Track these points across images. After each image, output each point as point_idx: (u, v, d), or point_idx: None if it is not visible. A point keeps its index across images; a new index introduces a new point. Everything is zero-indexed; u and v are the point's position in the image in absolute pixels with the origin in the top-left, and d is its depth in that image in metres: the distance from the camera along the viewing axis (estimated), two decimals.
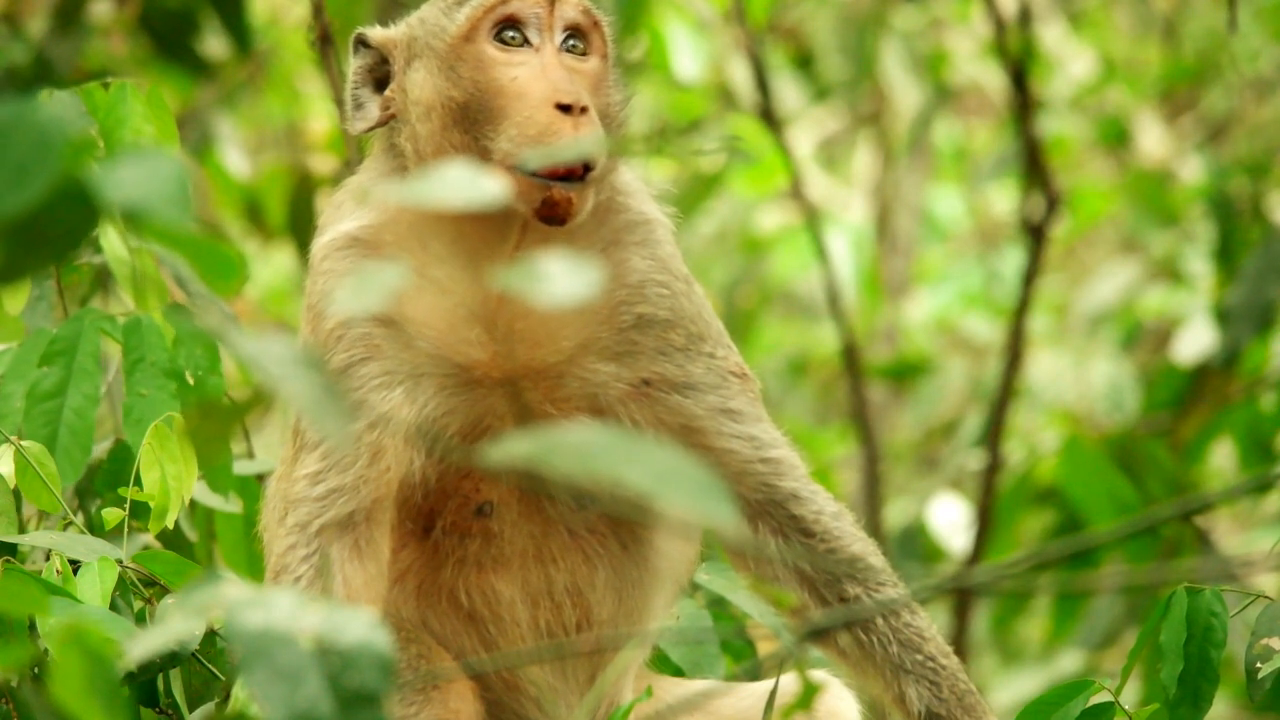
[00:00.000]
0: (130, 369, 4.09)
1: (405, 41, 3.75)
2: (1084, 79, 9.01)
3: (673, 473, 2.48)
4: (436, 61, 3.69)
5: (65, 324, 4.11)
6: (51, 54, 6.82)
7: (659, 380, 3.72)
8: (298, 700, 2.50)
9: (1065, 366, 8.48)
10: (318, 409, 2.47)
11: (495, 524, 3.74)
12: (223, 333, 2.56)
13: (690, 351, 3.74)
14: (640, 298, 3.74)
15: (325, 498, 3.65)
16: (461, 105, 3.64)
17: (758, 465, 3.75)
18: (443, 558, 3.75)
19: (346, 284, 2.63)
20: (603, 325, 3.72)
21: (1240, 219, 7.71)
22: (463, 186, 2.66)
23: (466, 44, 3.68)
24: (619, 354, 3.72)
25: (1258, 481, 4.59)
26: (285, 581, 3.63)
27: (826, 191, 9.77)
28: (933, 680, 3.71)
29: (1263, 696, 3.68)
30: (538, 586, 3.75)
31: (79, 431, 4.06)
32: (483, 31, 3.68)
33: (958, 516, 7.80)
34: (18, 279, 2.46)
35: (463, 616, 3.76)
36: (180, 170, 2.45)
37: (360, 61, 3.77)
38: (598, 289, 2.55)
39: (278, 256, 9.11)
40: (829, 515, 3.77)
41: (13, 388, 4.08)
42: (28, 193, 2.41)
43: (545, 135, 3.59)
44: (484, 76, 3.66)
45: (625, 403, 3.72)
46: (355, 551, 3.65)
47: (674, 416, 3.73)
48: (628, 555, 3.80)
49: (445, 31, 3.70)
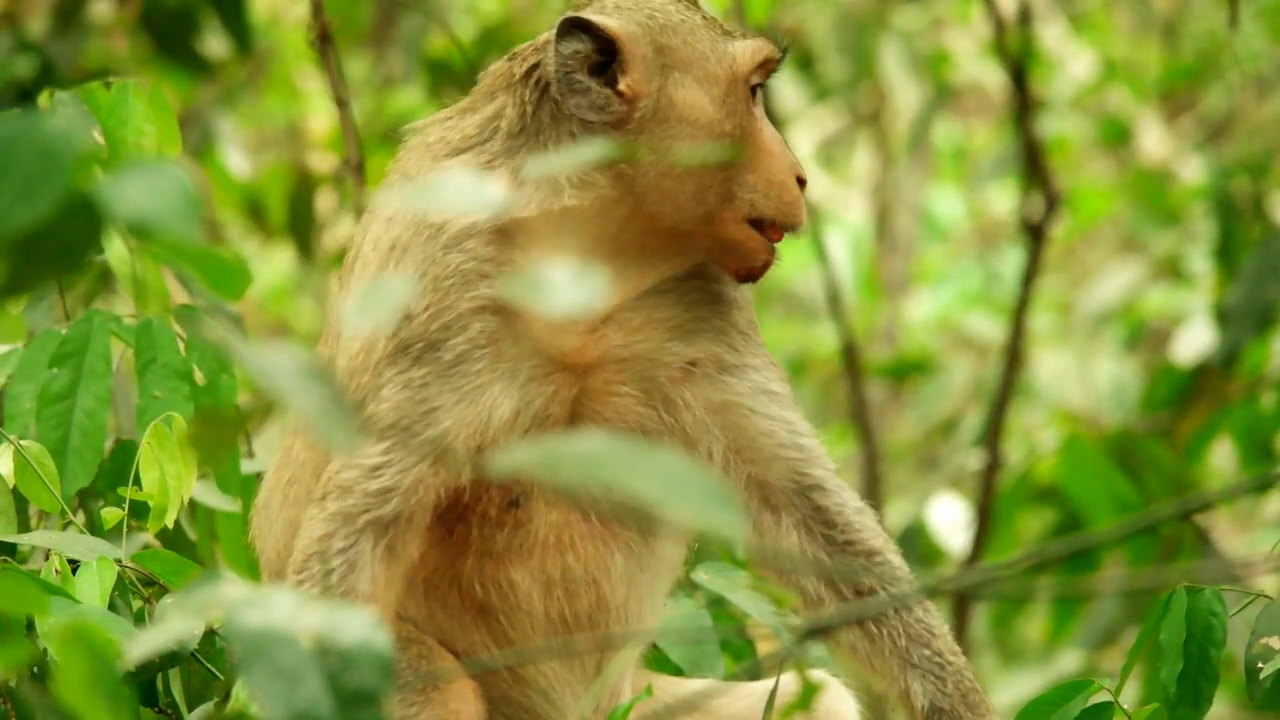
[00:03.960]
0: (142, 370, 4.08)
1: (648, 42, 3.69)
2: (1084, 79, 9.01)
3: (682, 482, 2.48)
4: (718, 89, 3.68)
5: (74, 325, 4.10)
6: (52, 54, 6.82)
7: (710, 359, 3.75)
8: (297, 700, 2.50)
9: (1069, 366, 8.49)
10: (326, 421, 2.47)
11: (525, 514, 3.73)
12: (229, 343, 2.56)
13: (748, 335, 3.79)
14: (715, 275, 3.77)
15: (379, 494, 3.61)
16: (727, 142, 3.66)
17: (790, 450, 3.77)
18: (464, 550, 3.73)
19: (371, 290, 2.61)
20: (678, 304, 3.75)
21: (1241, 218, 7.71)
22: (465, 195, 2.67)
23: (744, 84, 3.69)
24: (688, 331, 3.75)
25: (1258, 481, 4.59)
26: (313, 569, 3.59)
27: (826, 191, 9.77)
28: (938, 675, 3.72)
29: (1262, 696, 3.68)
30: (554, 575, 3.75)
31: (90, 433, 4.06)
32: (756, 76, 3.72)
33: (957, 516, 7.80)
34: (22, 292, 2.46)
35: (473, 609, 3.75)
36: (186, 182, 2.45)
37: (578, 46, 3.67)
38: (605, 296, 2.55)
39: (278, 255, 9.11)
40: (852, 509, 3.80)
41: (21, 388, 4.07)
42: (35, 207, 2.40)
43: (794, 205, 3.69)
44: (747, 121, 3.68)
45: (675, 383, 3.74)
46: (389, 552, 3.62)
47: (719, 395, 3.75)
48: (643, 541, 3.80)
49: (730, 63, 3.69)
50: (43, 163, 2.42)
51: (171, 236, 2.42)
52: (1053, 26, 9.17)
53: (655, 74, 3.69)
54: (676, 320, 3.75)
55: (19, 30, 7.02)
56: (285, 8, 8.52)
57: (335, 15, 4.97)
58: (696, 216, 3.68)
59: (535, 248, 3.68)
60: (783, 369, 3.85)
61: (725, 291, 3.79)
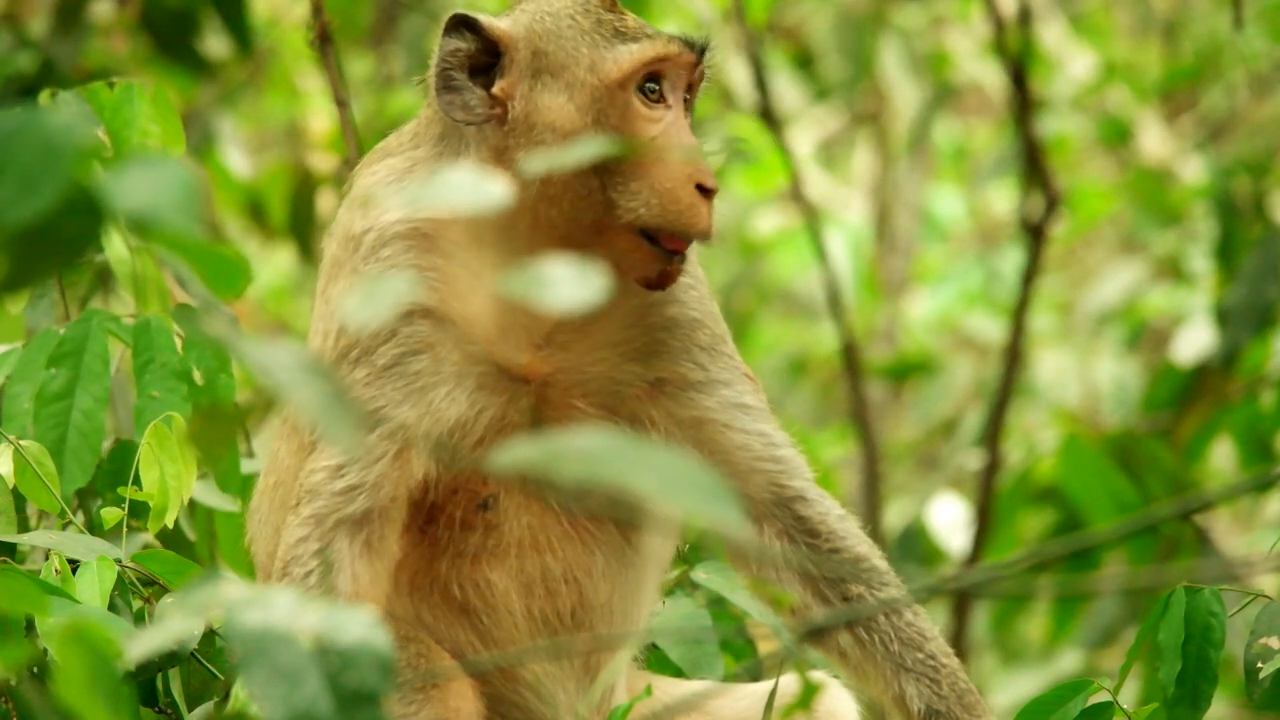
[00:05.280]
0: (140, 370, 4.08)
1: (528, 45, 3.68)
2: (1084, 79, 9.01)
3: (680, 477, 2.48)
4: (583, 95, 3.65)
5: (72, 325, 4.10)
6: (53, 54, 6.82)
7: (675, 378, 3.73)
8: (297, 700, 2.50)
9: (1069, 366, 8.48)
10: (326, 416, 2.47)
11: (496, 517, 3.74)
12: (229, 339, 2.55)
13: (713, 351, 3.76)
14: (672, 298, 3.75)
15: (345, 493, 3.64)
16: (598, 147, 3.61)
17: (768, 463, 3.76)
18: (439, 551, 3.75)
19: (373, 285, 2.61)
20: (634, 327, 3.73)
21: (1241, 218, 7.71)
22: (468, 191, 2.66)
23: (620, 90, 3.65)
24: (647, 353, 3.73)
25: (1258, 481, 4.59)
26: (294, 573, 3.62)
27: (826, 191, 9.77)
28: (933, 678, 3.71)
29: (1262, 696, 3.68)
30: (533, 575, 3.75)
31: (88, 433, 4.05)
32: (635, 81, 3.66)
33: (957, 516, 7.80)
34: (23, 287, 2.46)
35: (455, 609, 3.76)
36: (187, 177, 2.45)
37: (460, 44, 3.68)
38: (607, 294, 2.55)
39: (279, 255, 9.11)
40: (834, 517, 3.78)
41: (20, 388, 4.07)
42: (36, 202, 2.41)
43: (687, 214, 3.61)
44: (629, 129, 3.64)
45: (641, 400, 3.73)
46: (366, 549, 3.64)
47: (688, 412, 3.74)
48: (625, 540, 3.80)
49: (599, 69, 3.65)
50: (43, 157, 2.43)
51: (172, 230, 2.42)
52: (1053, 26, 9.17)
53: (527, 78, 3.67)
54: (636, 343, 3.73)
55: (20, 30, 7.02)
56: (285, 8, 8.52)
57: (335, 15, 4.97)
58: (586, 225, 3.64)
59: (459, 252, 3.67)
60: (759, 380, 3.84)
61: (684, 312, 3.76)
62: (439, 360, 3.65)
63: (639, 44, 3.67)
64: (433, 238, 3.68)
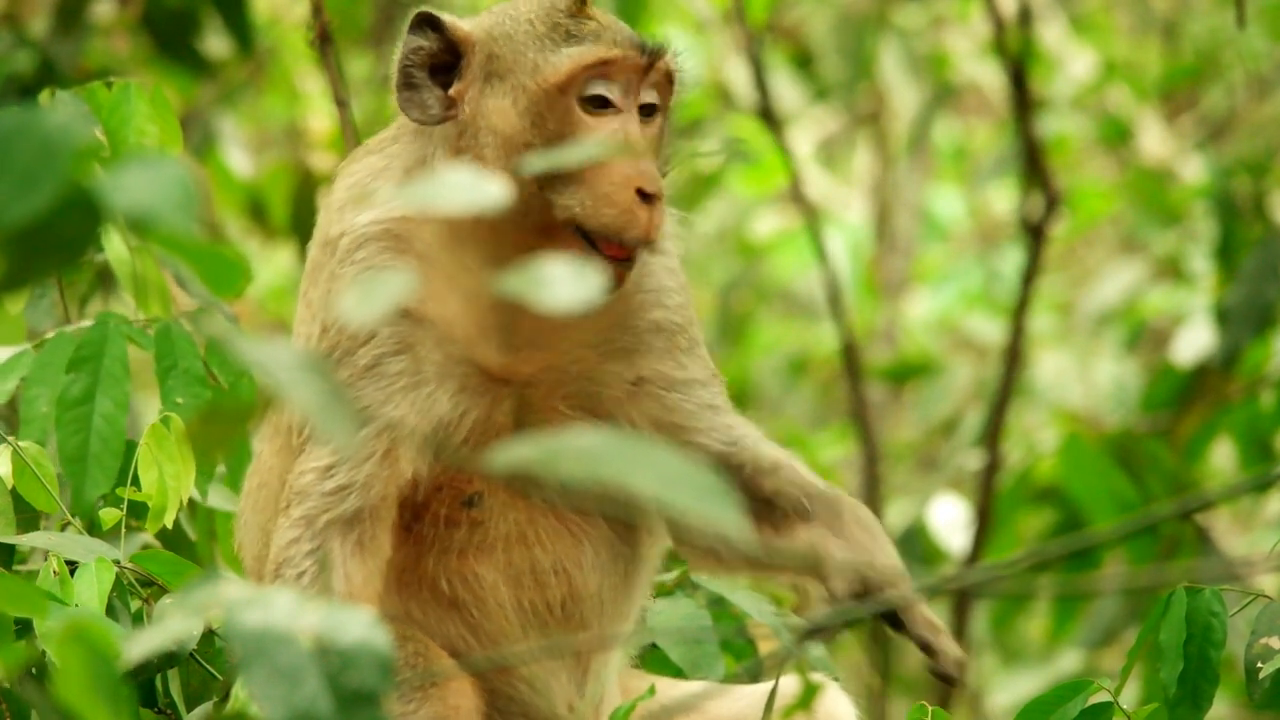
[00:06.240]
0: (163, 376, 4.07)
1: (485, 48, 3.67)
2: (1084, 79, 9.01)
3: (678, 477, 2.48)
4: (524, 99, 3.63)
5: (90, 329, 4.08)
6: (53, 54, 6.82)
7: (656, 378, 3.74)
8: (297, 700, 2.50)
9: (1069, 366, 8.49)
10: (325, 414, 2.47)
11: (482, 513, 3.74)
12: (228, 338, 2.55)
13: (692, 353, 3.77)
14: (657, 302, 3.75)
15: (335, 493, 3.64)
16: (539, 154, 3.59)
17: (725, 448, 3.78)
18: (425, 548, 3.75)
19: (367, 285, 2.61)
20: (617, 328, 3.73)
21: (1241, 218, 7.71)
22: (466, 191, 2.66)
23: (560, 95, 3.63)
24: (630, 355, 3.73)
25: (1258, 481, 4.60)
26: (287, 575, 3.62)
27: (826, 191, 9.77)
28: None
29: (1262, 696, 3.68)
30: (521, 568, 3.76)
31: (110, 438, 4.04)
32: (576, 85, 3.63)
33: (957, 516, 7.80)
34: (22, 287, 2.46)
35: (444, 604, 3.77)
36: (185, 175, 2.45)
37: (422, 43, 3.68)
38: (606, 295, 2.55)
39: (279, 255, 9.11)
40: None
41: (37, 391, 4.06)
42: (34, 201, 2.41)
43: (621, 218, 3.58)
44: (569, 133, 3.61)
45: (621, 401, 3.74)
46: (358, 548, 3.65)
47: (666, 413, 3.75)
48: (614, 531, 3.81)
49: (539, 74, 3.64)
50: (42, 156, 2.43)
51: (170, 229, 2.42)
52: (1053, 26, 9.17)
53: (479, 80, 3.67)
54: (619, 344, 3.74)
55: (20, 30, 7.02)
56: (285, 8, 8.52)
57: (335, 15, 4.97)
58: (533, 227, 3.63)
59: (433, 253, 3.67)
60: (724, 379, 3.85)
61: (669, 318, 3.77)
62: (419, 361, 3.66)
63: (580, 48, 3.64)
64: (406, 239, 3.68)
